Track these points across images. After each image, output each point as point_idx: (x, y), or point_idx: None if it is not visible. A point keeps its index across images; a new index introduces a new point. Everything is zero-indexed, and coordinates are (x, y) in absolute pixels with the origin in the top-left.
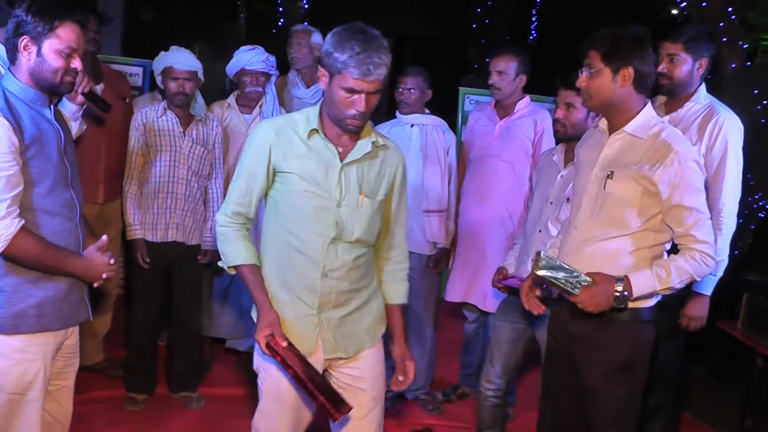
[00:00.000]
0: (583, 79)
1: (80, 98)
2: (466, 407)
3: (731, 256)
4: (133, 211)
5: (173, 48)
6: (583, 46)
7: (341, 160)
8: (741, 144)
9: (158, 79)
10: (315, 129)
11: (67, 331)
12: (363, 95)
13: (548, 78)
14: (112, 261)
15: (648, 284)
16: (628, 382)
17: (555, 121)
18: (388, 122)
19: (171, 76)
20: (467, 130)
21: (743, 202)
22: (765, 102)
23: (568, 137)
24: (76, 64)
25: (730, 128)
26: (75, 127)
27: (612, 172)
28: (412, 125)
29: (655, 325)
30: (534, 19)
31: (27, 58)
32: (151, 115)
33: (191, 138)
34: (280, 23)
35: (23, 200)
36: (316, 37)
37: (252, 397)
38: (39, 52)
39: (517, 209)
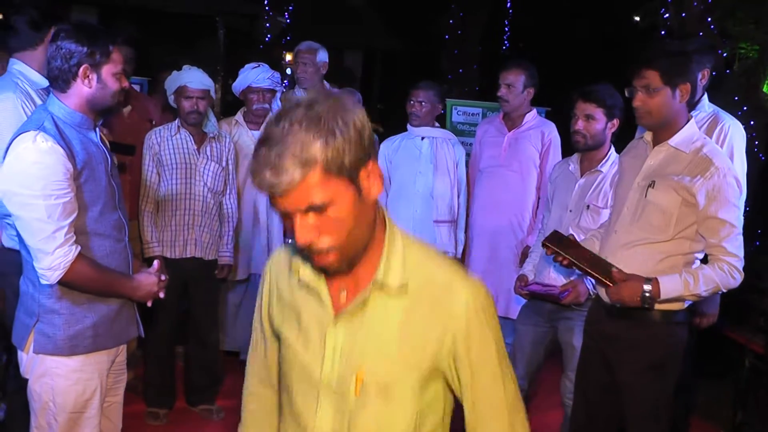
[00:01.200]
0: (640, 98)
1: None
2: None
3: None
4: (151, 229)
5: (185, 67)
6: (635, 66)
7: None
8: (744, 149)
9: (171, 98)
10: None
11: (118, 348)
12: (296, 216)
13: None
14: (163, 277)
15: (676, 288)
16: (660, 380)
17: (575, 132)
18: (399, 135)
19: (185, 95)
20: (476, 142)
21: None
22: (745, 108)
23: (587, 147)
24: (125, 83)
25: (735, 134)
26: None
27: (654, 181)
28: (422, 138)
29: (687, 327)
30: (506, 29)
31: (87, 85)
32: (165, 134)
33: (206, 155)
34: (267, 38)
35: (77, 224)
36: (322, 55)
37: None
38: (99, 79)
39: (526, 218)
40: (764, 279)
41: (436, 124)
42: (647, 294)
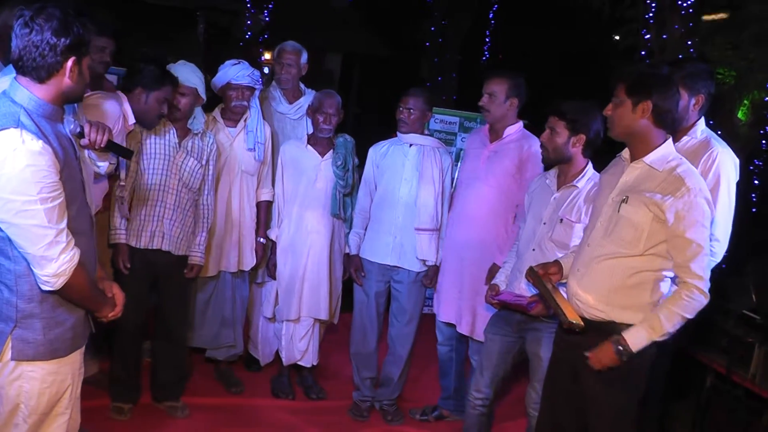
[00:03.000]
0: (609, 108)
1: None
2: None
3: None
4: (120, 215)
5: (181, 62)
6: (613, 79)
7: None
8: (735, 178)
9: None
10: None
11: None
12: None
13: None
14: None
15: (642, 339)
16: (625, 392)
17: (541, 145)
18: (387, 140)
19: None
20: (464, 153)
21: None
22: (719, 132)
23: (551, 161)
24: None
25: (724, 161)
26: (105, 167)
27: (627, 197)
28: (410, 145)
29: (656, 344)
30: (487, 40)
31: (70, 77)
32: None
33: (186, 150)
34: (247, 35)
35: None
36: (305, 57)
37: (231, 408)
38: (80, 71)
39: (497, 234)
40: (729, 300)
41: (426, 132)
42: (621, 350)
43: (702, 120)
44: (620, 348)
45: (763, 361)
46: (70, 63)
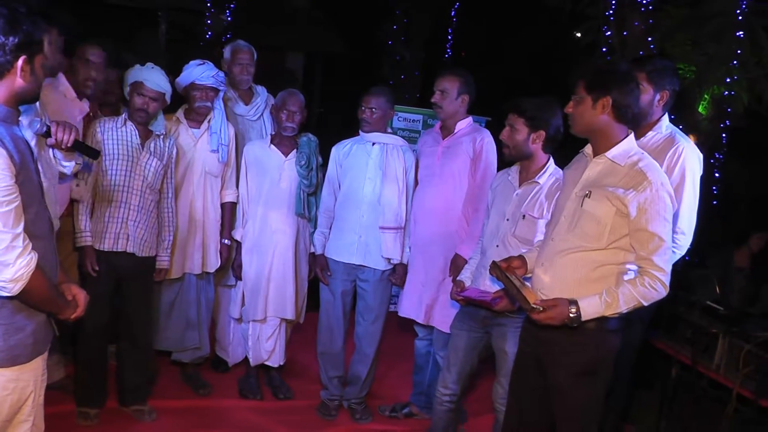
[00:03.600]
0: (570, 105)
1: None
2: (415, 423)
3: None
4: (85, 218)
5: (149, 65)
6: (573, 76)
7: None
8: (699, 173)
9: (126, 90)
10: None
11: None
12: None
13: None
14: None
15: (596, 310)
16: (591, 384)
17: (502, 142)
18: (350, 139)
19: (139, 91)
20: (418, 153)
21: None
22: (681, 127)
23: (512, 157)
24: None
25: (689, 157)
26: (71, 167)
27: (590, 191)
28: (373, 143)
29: (620, 334)
30: (449, 37)
31: (22, 77)
32: (110, 125)
33: (149, 150)
34: (208, 35)
35: None
36: (255, 55)
37: (199, 410)
38: (33, 71)
39: (457, 227)
40: (694, 292)
41: (389, 130)
42: (573, 315)
43: (666, 115)
44: (573, 310)
45: (727, 352)
46: (20, 62)
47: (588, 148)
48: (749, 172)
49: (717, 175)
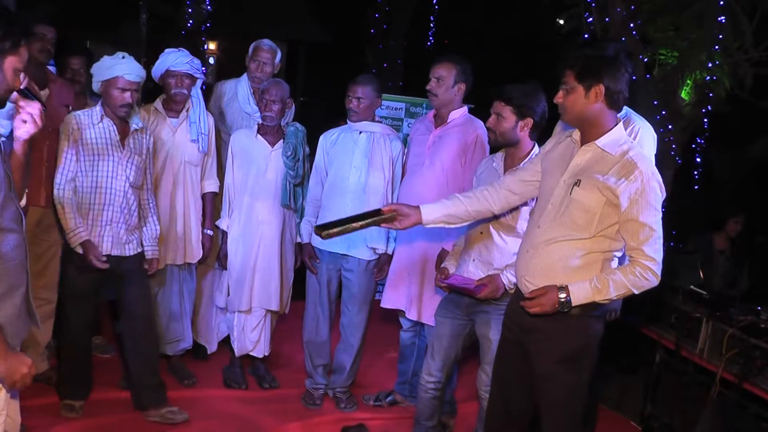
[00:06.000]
0: (559, 95)
1: (14, 95)
2: (400, 410)
3: None
4: (74, 215)
5: (120, 54)
6: (559, 66)
7: None
8: (654, 151)
9: (96, 85)
10: None
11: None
12: None
13: None
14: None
15: (586, 295)
16: (576, 370)
17: (487, 129)
18: (338, 128)
19: (117, 86)
20: (408, 140)
21: None
22: (663, 112)
23: (498, 144)
24: (19, 83)
25: (645, 136)
26: (9, 127)
27: (579, 180)
28: (360, 132)
29: (603, 320)
30: (432, 24)
31: None
32: (86, 121)
33: (129, 148)
34: (189, 24)
35: None
36: (279, 56)
37: (185, 401)
38: (0, 68)
39: None
40: (678, 278)
41: (377, 119)
42: (563, 300)
43: None
44: (564, 296)
45: (711, 336)
46: None
47: (576, 134)
48: (731, 157)
49: (699, 160)
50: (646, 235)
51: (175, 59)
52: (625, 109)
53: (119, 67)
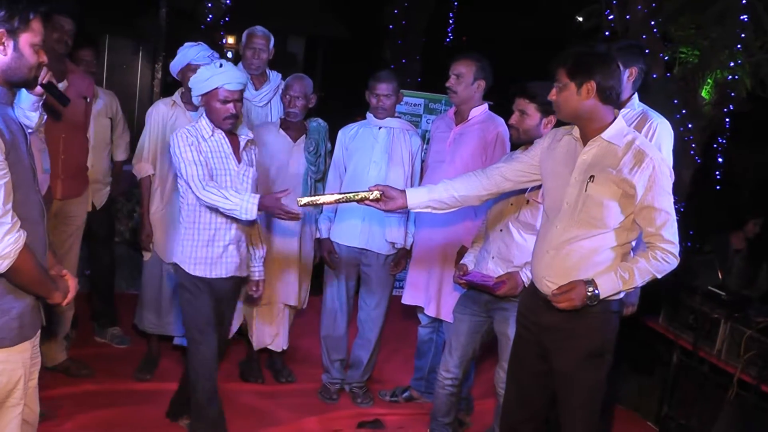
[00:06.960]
0: (553, 93)
1: (39, 89)
2: (416, 406)
3: None
4: (227, 191)
5: (218, 62)
6: (553, 64)
7: None
8: (671, 147)
9: (197, 99)
10: None
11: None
12: None
13: None
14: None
15: (613, 286)
16: (597, 367)
17: (510, 126)
18: (357, 123)
19: (219, 98)
20: (430, 137)
21: None
22: (684, 111)
23: (521, 142)
24: (44, 58)
25: (663, 133)
26: (35, 119)
27: (593, 176)
28: (380, 127)
29: (620, 315)
30: (451, 21)
31: (2, 53)
32: (195, 135)
33: (245, 161)
34: (208, 18)
35: None
36: (272, 42)
37: None
38: (16, 47)
39: (468, 215)
40: (696, 278)
41: (397, 114)
42: (591, 294)
43: (636, 94)
44: (591, 290)
45: (729, 337)
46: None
47: (576, 132)
48: (752, 157)
49: (720, 160)
50: (662, 220)
51: (196, 53)
52: (642, 105)
53: (217, 78)
